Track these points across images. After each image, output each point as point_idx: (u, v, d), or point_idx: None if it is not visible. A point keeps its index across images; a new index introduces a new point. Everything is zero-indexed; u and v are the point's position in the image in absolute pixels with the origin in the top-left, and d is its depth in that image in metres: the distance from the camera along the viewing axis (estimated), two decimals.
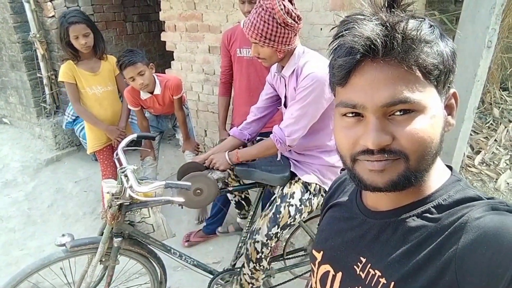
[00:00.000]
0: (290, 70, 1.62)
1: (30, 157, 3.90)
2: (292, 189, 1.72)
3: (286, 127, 1.61)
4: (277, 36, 1.51)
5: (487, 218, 0.52)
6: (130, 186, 1.48)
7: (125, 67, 2.29)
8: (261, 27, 1.49)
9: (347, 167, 0.63)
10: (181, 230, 2.83)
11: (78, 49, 2.46)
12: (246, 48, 2.31)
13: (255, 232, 1.72)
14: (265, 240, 1.69)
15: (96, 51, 2.56)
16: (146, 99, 2.53)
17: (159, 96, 2.53)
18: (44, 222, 3.03)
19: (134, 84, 2.37)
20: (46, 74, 3.89)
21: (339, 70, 0.58)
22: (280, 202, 1.71)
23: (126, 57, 2.29)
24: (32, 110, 4.10)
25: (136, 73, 2.31)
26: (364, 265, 0.65)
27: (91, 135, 2.71)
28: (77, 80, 2.54)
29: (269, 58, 1.60)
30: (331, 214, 0.81)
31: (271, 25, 1.48)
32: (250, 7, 2.10)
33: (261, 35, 1.50)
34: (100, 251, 1.62)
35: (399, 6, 0.57)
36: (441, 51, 0.56)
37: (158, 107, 2.61)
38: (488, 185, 2.81)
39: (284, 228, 1.71)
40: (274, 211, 1.70)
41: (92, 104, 2.62)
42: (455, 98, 0.63)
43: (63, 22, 2.38)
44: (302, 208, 1.71)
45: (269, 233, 1.69)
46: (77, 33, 2.38)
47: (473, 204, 0.57)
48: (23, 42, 3.83)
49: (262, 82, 2.34)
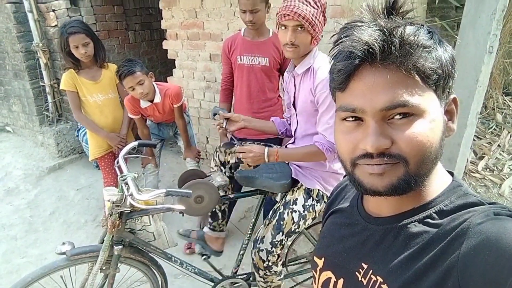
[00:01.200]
0: (304, 68, 1.61)
1: (32, 165, 3.91)
2: (295, 195, 1.71)
3: (329, 136, 1.55)
4: (319, 21, 1.51)
5: (489, 223, 0.52)
6: (131, 194, 1.47)
7: (124, 77, 2.30)
8: (310, 8, 1.47)
9: (347, 171, 0.63)
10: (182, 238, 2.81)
11: (78, 58, 2.48)
12: (246, 56, 2.32)
13: (259, 241, 1.71)
14: (270, 248, 1.68)
15: (96, 60, 2.58)
16: (146, 108, 2.54)
17: (159, 104, 2.54)
18: (46, 230, 3.03)
19: (134, 93, 2.38)
20: (49, 82, 3.92)
21: (339, 75, 0.59)
22: (283, 209, 1.70)
23: (125, 67, 2.30)
24: (34, 118, 4.12)
25: (135, 82, 2.32)
26: (366, 271, 0.65)
27: (93, 142, 2.72)
28: (78, 89, 2.57)
29: (303, 46, 1.55)
30: (332, 221, 0.81)
31: (316, 10, 1.49)
32: (252, 16, 2.11)
33: (311, 16, 1.48)
34: (100, 260, 1.62)
35: (398, 13, 0.58)
36: (439, 56, 0.56)
37: (158, 115, 2.62)
38: (492, 191, 2.79)
39: (289, 235, 1.70)
40: (278, 218, 1.69)
41: (93, 112, 2.65)
42: (455, 103, 0.63)
43: (63, 33, 2.41)
44: (305, 214, 1.70)
45: (273, 240, 1.67)
46: (77, 43, 2.40)
47: (474, 209, 0.56)
48: (26, 51, 3.87)
49: (263, 89, 2.35)
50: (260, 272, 1.73)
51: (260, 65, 2.30)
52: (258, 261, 1.70)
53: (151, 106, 2.53)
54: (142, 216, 1.68)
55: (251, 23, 2.16)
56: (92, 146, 2.73)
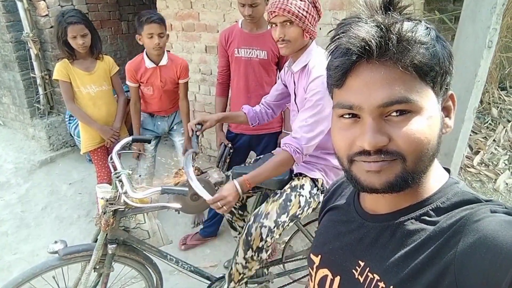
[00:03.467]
0: (299, 66, 1.59)
1: (23, 159, 3.84)
2: (301, 181, 1.69)
3: (301, 135, 1.52)
4: (309, 14, 1.48)
5: (486, 220, 0.52)
6: (125, 191, 1.43)
7: (150, 22, 2.26)
8: (296, 2, 1.45)
9: (344, 168, 0.63)
10: (177, 233, 2.79)
11: (75, 48, 2.44)
12: (244, 48, 2.27)
13: (263, 215, 1.60)
14: (273, 227, 1.59)
15: (92, 51, 2.54)
16: (148, 70, 2.46)
17: (163, 68, 2.47)
18: (38, 225, 2.98)
19: (150, 41, 2.32)
20: (40, 74, 3.83)
21: (336, 71, 0.59)
22: (290, 191, 1.66)
23: (154, 15, 2.29)
24: (25, 111, 4.04)
25: (158, 32, 2.29)
26: (362, 268, 0.65)
27: (85, 135, 2.66)
28: (72, 79, 2.52)
29: (295, 40, 1.52)
30: (329, 218, 0.81)
31: (304, 3, 1.46)
32: (251, 10, 2.07)
33: (298, 9, 1.45)
34: (94, 259, 1.58)
35: (395, 9, 0.58)
36: (437, 53, 0.56)
37: (157, 84, 2.51)
38: (487, 186, 2.79)
39: (292, 219, 1.64)
40: (285, 198, 1.64)
41: (86, 103, 2.59)
42: (452, 100, 0.63)
43: (62, 22, 2.36)
44: (311, 201, 1.67)
45: (277, 219, 1.59)
46: (76, 33, 2.36)
47: (471, 206, 0.57)
48: (16, 41, 3.77)
49: (260, 83, 2.31)
50: (249, 252, 1.61)
51: (258, 58, 2.25)
52: (256, 237, 1.59)
53: (155, 69, 2.46)
54: (137, 214, 1.64)
55: (250, 17, 2.12)
56: (85, 139, 2.67)
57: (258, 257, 1.62)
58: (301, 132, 1.51)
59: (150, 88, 2.54)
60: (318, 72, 1.49)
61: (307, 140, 1.51)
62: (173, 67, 2.49)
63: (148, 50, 2.40)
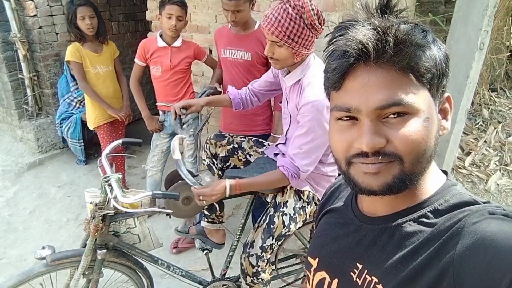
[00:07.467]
0: (293, 81, 1.53)
1: (11, 161, 3.77)
2: (285, 197, 1.67)
3: (298, 162, 1.50)
4: (300, 38, 1.38)
5: (484, 223, 0.52)
6: (115, 196, 1.40)
7: (172, 3, 2.30)
8: (286, 24, 1.35)
9: (342, 170, 0.63)
10: (168, 236, 2.75)
11: (83, 31, 2.73)
12: (229, 49, 2.26)
13: (249, 245, 1.66)
14: (260, 253, 1.63)
15: (98, 35, 2.85)
16: (159, 49, 2.47)
17: (175, 50, 2.48)
18: (26, 229, 2.91)
19: (168, 22, 2.34)
20: (28, 75, 3.76)
21: (333, 74, 0.59)
22: (273, 212, 1.66)
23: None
24: (13, 112, 3.96)
25: (177, 15, 2.33)
26: (360, 271, 0.65)
27: (94, 111, 2.94)
28: (83, 60, 2.81)
29: (283, 60, 1.47)
30: (326, 220, 0.81)
31: (297, 25, 1.35)
32: (234, 16, 2.07)
33: (284, 34, 1.36)
34: (82, 264, 1.54)
35: (391, 12, 0.58)
36: (433, 55, 0.57)
37: (166, 64, 2.48)
38: (478, 187, 2.81)
39: (279, 239, 1.65)
40: (268, 222, 1.65)
41: (96, 83, 2.90)
42: (449, 102, 0.64)
43: (71, 6, 2.71)
44: (296, 217, 1.66)
45: (263, 245, 1.62)
46: (84, 13, 2.68)
47: (469, 208, 0.57)
48: (3, 42, 3.69)
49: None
50: (248, 278, 1.68)
51: (243, 60, 2.23)
52: (247, 266, 1.65)
53: (166, 48, 2.47)
54: (127, 219, 1.61)
55: (233, 23, 2.13)
56: (94, 116, 2.95)
57: (258, 280, 1.68)
58: (297, 160, 1.50)
59: (159, 68, 2.52)
60: (311, 96, 1.43)
61: (304, 166, 1.51)
62: (186, 51, 2.52)
63: (164, 30, 2.43)
